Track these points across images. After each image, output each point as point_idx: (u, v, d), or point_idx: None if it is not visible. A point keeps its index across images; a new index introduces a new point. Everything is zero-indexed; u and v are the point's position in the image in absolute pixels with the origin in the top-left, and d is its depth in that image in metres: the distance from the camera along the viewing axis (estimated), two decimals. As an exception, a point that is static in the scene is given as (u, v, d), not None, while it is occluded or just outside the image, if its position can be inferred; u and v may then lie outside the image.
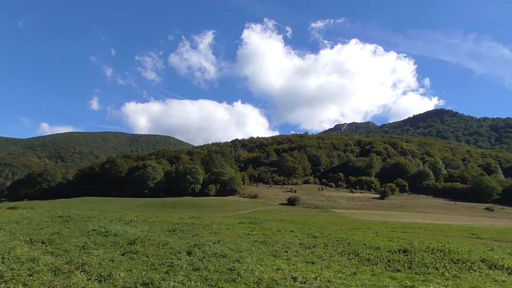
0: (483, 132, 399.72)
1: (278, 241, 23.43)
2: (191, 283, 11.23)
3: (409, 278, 13.68)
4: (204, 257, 15.29)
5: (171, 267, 13.15)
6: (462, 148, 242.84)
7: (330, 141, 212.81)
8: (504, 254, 23.40)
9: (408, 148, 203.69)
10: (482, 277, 14.84)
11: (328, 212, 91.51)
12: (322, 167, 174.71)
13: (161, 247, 17.38)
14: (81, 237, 19.57)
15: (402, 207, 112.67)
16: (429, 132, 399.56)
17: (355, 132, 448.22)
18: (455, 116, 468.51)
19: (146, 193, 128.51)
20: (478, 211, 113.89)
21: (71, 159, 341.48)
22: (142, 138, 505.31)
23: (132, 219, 34.66)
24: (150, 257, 14.83)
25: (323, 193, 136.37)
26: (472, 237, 39.47)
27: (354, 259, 17.81)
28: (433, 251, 20.22)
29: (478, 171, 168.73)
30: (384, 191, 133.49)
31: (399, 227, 48.03)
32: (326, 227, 41.33)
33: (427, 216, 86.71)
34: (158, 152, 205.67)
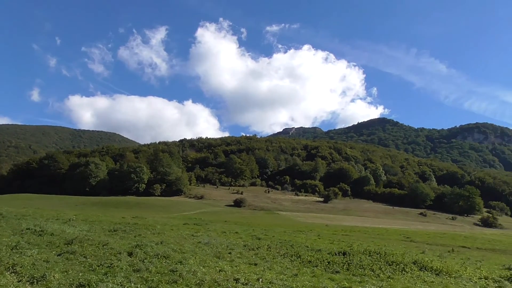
0: (420, 141, 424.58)
1: (222, 242, 23.42)
2: (131, 285, 10.94)
3: (347, 279, 14.22)
4: (145, 258, 14.96)
5: (110, 268, 12.73)
6: (401, 156, 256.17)
7: (278, 144, 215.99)
8: (433, 257, 24.98)
9: (352, 154, 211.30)
10: (413, 278, 15.74)
11: (273, 214, 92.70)
12: (269, 170, 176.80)
13: (100, 247, 16.77)
14: (14, 236, 18.41)
15: (344, 211, 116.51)
16: (371, 140, 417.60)
17: (303, 136, 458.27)
18: (396, 125, 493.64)
19: (87, 191, 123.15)
20: (412, 216, 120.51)
21: (6, 153, 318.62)
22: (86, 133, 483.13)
23: (71, 218, 33.18)
24: (88, 257, 14.25)
25: (269, 195, 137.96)
26: (407, 240, 41.72)
27: (296, 261, 18.22)
28: (370, 253, 21.13)
29: (414, 178, 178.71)
30: (328, 195, 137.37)
31: (341, 230, 49.72)
32: (270, 229, 41.85)
33: (366, 220, 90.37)
34: (102, 149, 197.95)
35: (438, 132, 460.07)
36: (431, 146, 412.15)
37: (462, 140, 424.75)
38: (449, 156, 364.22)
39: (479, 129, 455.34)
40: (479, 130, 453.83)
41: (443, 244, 39.22)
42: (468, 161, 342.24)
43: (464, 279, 16.38)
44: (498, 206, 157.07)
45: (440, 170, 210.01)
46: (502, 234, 70.43)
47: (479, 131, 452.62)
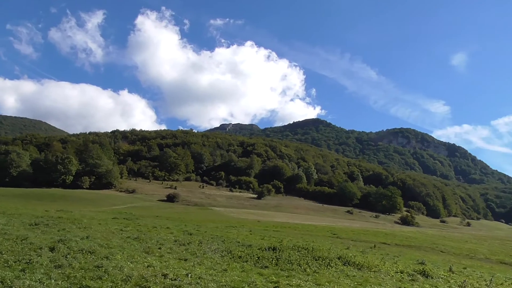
0: (350, 143, 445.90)
1: (152, 237, 22.97)
2: (51, 282, 10.37)
3: (275, 274, 14.61)
4: (69, 254, 14.26)
5: (29, 264, 11.97)
6: (332, 156, 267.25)
7: (215, 140, 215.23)
8: (357, 252, 26.46)
9: (286, 152, 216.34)
10: (337, 273, 16.56)
11: (207, 210, 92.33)
12: (204, 165, 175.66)
13: (18, 242, 15.70)
14: None
15: (276, 207, 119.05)
16: (305, 139, 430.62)
17: (239, 133, 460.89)
18: (329, 126, 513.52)
19: (7, 182, 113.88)
20: (340, 213, 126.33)
21: None
22: (8, 120, 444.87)
23: (-15, 211, 30.61)
24: (4, 253, 13.28)
25: (204, 190, 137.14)
26: (333, 236, 43.69)
27: (227, 256, 18.37)
28: (299, 249, 21.86)
29: (344, 177, 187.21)
30: (262, 192, 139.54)
31: (272, 226, 50.79)
32: (203, 224, 41.73)
33: (297, 217, 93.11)
34: (25, 137, 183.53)
35: (367, 135, 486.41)
36: (360, 148, 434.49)
37: (387, 143, 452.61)
38: (376, 158, 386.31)
39: (403, 134, 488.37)
40: (403, 135, 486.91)
41: (366, 241, 41.60)
42: (392, 163, 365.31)
43: (383, 273, 17.54)
44: (416, 206, 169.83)
45: (367, 171, 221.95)
46: (418, 231, 76.12)
47: (403, 135, 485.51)
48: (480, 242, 58.56)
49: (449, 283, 17.05)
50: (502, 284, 18.78)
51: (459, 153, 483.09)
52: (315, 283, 13.58)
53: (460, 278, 18.92)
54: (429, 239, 54.05)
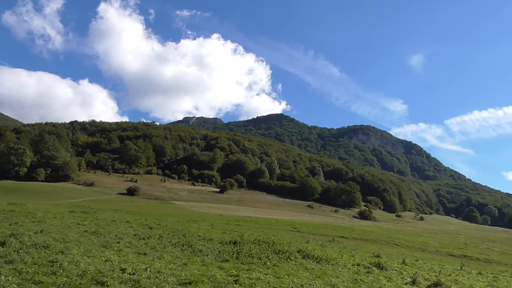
0: (312, 138, 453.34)
1: (111, 231, 22.46)
2: (1, 278, 9.95)
3: (236, 267, 14.69)
4: (21, 248, 13.69)
5: (-23, 260, 11.41)
6: (295, 151, 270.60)
7: (178, 133, 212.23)
8: (316, 246, 27.06)
9: (249, 146, 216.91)
10: (297, 266, 16.86)
11: (168, 203, 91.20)
12: (166, 158, 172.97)
13: (-35, 237, 14.91)
14: None
15: (238, 202, 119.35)
16: (269, 134, 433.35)
17: (203, 126, 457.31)
18: (292, 122, 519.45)
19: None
20: (301, 208, 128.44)
21: None
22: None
23: None
24: (-51, 248, 12.58)
25: (165, 184, 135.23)
26: (294, 230, 44.41)
27: (187, 250, 18.27)
28: (259, 242, 22.07)
29: (305, 172, 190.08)
30: (224, 186, 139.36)
31: (234, 220, 50.94)
32: (164, 218, 41.23)
33: (259, 211, 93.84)
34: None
35: (328, 131, 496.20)
36: (322, 144, 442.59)
37: (348, 139, 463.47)
38: (337, 153, 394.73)
39: (363, 131, 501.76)
40: (363, 132, 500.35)
41: (325, 234, 42.60)
42: (352, 159, 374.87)
43: (340, 266, 18.05)
44: (374, 201, 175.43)
45: (328, 166, 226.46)
46: (375, 226, 78.74)
47: (363, 132, 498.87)
48: (431, 235, 61.42)
49: (402, 275, 17.81)
50: (450, 275, 19.83)
51: (415, 151, 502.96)
52: (275, 276, 13.78)
53: (412, 269, 19.82)
54: (385, 233, 56.07)
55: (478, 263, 32.71)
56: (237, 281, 11.85)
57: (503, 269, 29.27)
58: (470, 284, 17.08)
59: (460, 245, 49.52)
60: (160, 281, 11.24)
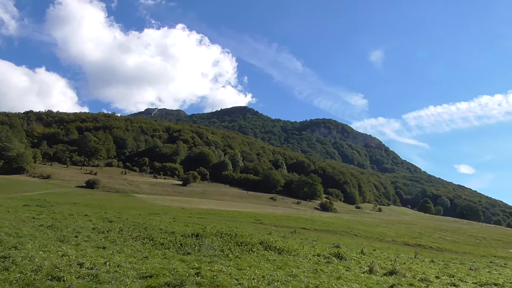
0: (276, 131, 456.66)
1: (68, 225, 21.80)
2: None
3: (197, 260, 14.66)
4: (-30, 244, 13.04)
5: None
6: (258, 144, 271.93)
7: (139, 124, 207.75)
8: (278, 237, 27.44)
9: (213, 139, 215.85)
10: (259, 257, 17.05)
11: (129, 196, 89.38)
12: (127, 151, 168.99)
13: None
14: None
15: (201, 194, 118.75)
16: (232, 126, 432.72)
17: (165, 118, 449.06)
18: (256, 114, 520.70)
19: None
20: (264, 200, 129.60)
21: None
22: None
23: None
24: None
25: (126, 177, 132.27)
26: (257, 222, 44.78)
27: (148, 243, 18.04)
28: (222, 235, 22.13)
29: (268, 165, 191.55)
30: (187, 178, 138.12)
31: (196, 213, 50.70)
32: (124, 211, 40.44)
33: (222, 204, 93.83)
34: None
35: (291, 124, 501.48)
36: (285, 137, 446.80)
37: (310, 133, 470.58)
38: (299, 146, 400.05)
39: (325, 124, 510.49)
40: (325, 125, 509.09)
41: (287, 226, 43.25)
42: (314, 152, 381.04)
43: (301, 257, 18.43)
44: (335, 193, 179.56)
45: (291, 159, 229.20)
46: (335, 217, 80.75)
47: (325, 126, 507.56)
48: (388, 226, 63.76)
49: (360, 264, 18.42)
50: (405, 263, 20.72)
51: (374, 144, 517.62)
52: (237, 268, 13.87)
53: (370, 259, 20.54)
54: (345, 224, 57.63)
55: (431, 252, 34.31)
56: (199, 273, 11.83)
57: (453, 256, 30.87)
58: (423, 272, 17.88)
59: (415, 234, 51.73)
60: (119, 275, 11.04)
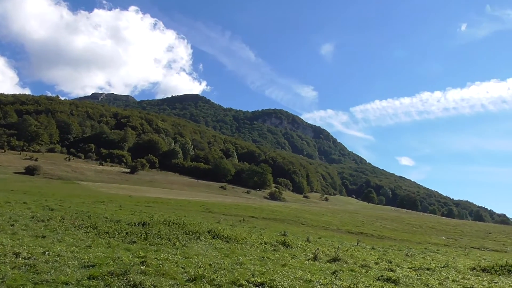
0: (227, 120, 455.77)
1: (4, 213, 20.62)
2: None
3: (143, 249, 14.42)
4: None
5: None
6: (210, 133, 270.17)
7: (85, 109, 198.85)
8: (226, 226, 27.59)
9: (163, 126, 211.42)
10: (206, 246, 17.07)
11: (73, 184, 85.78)
12: (72, 136, 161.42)
13: None
14: None
15: (150, 183, 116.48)
16: (183, 114, 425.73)
17: (113, 104, 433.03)
18: (208, 103, 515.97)
19: None
20: (214, 189, 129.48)
21: None
22: None
23: None
24: None
25: (70, 163, 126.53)
26: (206, 211, 44.72)
27: (92, 232, 17.48)
28: (169, 224, 21.89)
29: (219, 154, 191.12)
30: (135, 166, 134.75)
31: (144, 201, 49.73)
32: (67, 199, 38.86)
33: (171, 192, 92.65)
34: None
35: (243, 114, 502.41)
36: (237, 126, 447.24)
37: (262, 123, 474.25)
38: (251, 136, 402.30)
39: (276, 115, 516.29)
40: (276, 116, 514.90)
41: (236, 215, 43.57)
42: (265, 142, 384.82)
43: (249, 245, 18.68)
44: (284, 182, 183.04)
45: (242, 148, 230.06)
46: (284, 206, 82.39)
47: (276, 116, 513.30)
48: (334, 215, 66.08)
49: (305, 252, 18.99)
50: (347, 250, 21.65)
51: (323, 135, 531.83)
52: (184, 256, 13.81)
53: (315, 246, 21.23)
54: (292, 212, 58.98)
55: (372, 239, 36.05)
56: (144, 262, 11.66)
57: (392, 244, 32.65)
58: (363, 258, 18.76)
59: (358, 223, 54.04)
60: (59, 265, 10.62)
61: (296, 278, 12.03)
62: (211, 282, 10.35)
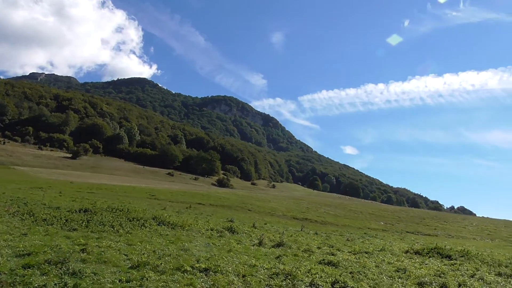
0: (176, 106, 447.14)
1: None
2: None
3: (84, 236, 13.98)
4: None
5: None
6: (157, 118, 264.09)
7: (22, 89, 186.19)
8: (173, 212, 27.39)
9: (108, 110, 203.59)
10: (151, 232, 16.86)
11: (8, 169, 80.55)
12: (7, 118, 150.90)
13: None
14: None
15: (93, 168, 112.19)
16: (130, 98, 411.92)
17: (54, 85, 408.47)
18: (155, 87, 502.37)
19: None
20: (161, 175, 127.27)
21: None
22: None
23: None
24: None
25: (5, 147, 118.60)
26: (152, 198, 44.02)
27: (28, 219, 16.66)
28: (113, 210, 21.35)
29: (167, 140, 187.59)
30: (77, 151, 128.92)
31: (86, 187, 47.96)
32: (1, 185, 36.66)
33: (116, 178, 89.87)
34: None
35: (192, 100, 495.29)
36: (185, 112, 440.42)
37: (211, 109, 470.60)
38: (199, 122, 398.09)
39: (226, 102, 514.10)
40: (226, 103, 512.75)
41: (183, 201, 43.27)
42: (214, 129, 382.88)
43: (195, 231, 18.69)
44: (232, 169, 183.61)
45: (191, 135, 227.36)
46: (231, 193, 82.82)
47: (225, 103, 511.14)
48: (280, 201, 67.53)
49: (251, 237, 19.34)
50: (292, 236, 22.34)
51: (272, 123, 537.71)
52: (127, 243, 13.57)
53: (260, 232, 21.66)
54: (240, 199, 59.51)
55: (316, 225, 37.35)
56: (85, 250, 11.33)
57: (335, 229, 34.05)
58: (307, 243, 19.44)
59: (303, 209, 55.66)
60: (-9, 254, 10.06)
61: (240, 263, 12.25)
62: (155, 268, 10.28)
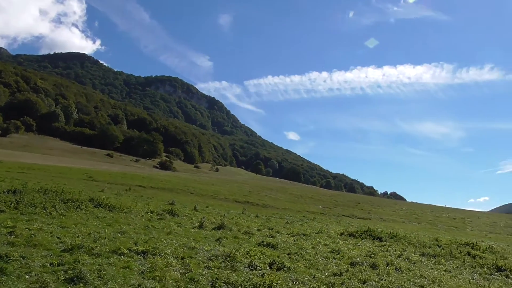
0: (117, 84, 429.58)
1: None
2: None
3: (13, 218, 13.22)
4: None
5: None
6: (97, 96, 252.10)
7: None
8: (111, 195, 26.62)
9: (43, 86, 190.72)
10: (87, 215, 16.31)
11: None
12: None
13: None
14: None
15: (25, 147, 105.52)
16: (68, 74, 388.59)
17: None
18: (96, 64, 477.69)
19: None
20: (100, 156, 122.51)
21: None
22: None
23: None
24: None
25: None
26: (89, 179, 42.41)
27: None
28: (46, 191, 20.31)
29: (107, 120, 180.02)
30: (7, 128, 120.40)
31: (17, 167, 45.17)
32: None
33: (50, 158, 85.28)
34: None
35: (135, 79, 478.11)
36: (127, 91, 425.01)
37: (155, 89, 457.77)
38: (142, 103, 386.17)
39: (170, 82, 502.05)
40: (170, 83, 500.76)
41: (122, 184, 42.12)
42: (157, 110, 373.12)
43: (133, 214, 18.34)
44: (175, 152, 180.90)
45: (132, 115, 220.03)
46: (173, 175, 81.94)
47: (170, 84, 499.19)
48: (223, 185, 67.90)
49: (191, 220, 19.35)
50: (233, 218, 22.66)
51: (217, 107, 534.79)
52: (60, 226, 13.05)
53: (202, 215, 21.73)
54: (182, 182, 59.04)
55: (257, 208, 38.07)
56: (13, 232, 10.75)
57: (275, 212, 34.95)
58: (247, 226, 19.81)
59: (245, 193, 56.41)
60: None
61: (180, 246, 12.27)
62: (89, 251, 10.02)
